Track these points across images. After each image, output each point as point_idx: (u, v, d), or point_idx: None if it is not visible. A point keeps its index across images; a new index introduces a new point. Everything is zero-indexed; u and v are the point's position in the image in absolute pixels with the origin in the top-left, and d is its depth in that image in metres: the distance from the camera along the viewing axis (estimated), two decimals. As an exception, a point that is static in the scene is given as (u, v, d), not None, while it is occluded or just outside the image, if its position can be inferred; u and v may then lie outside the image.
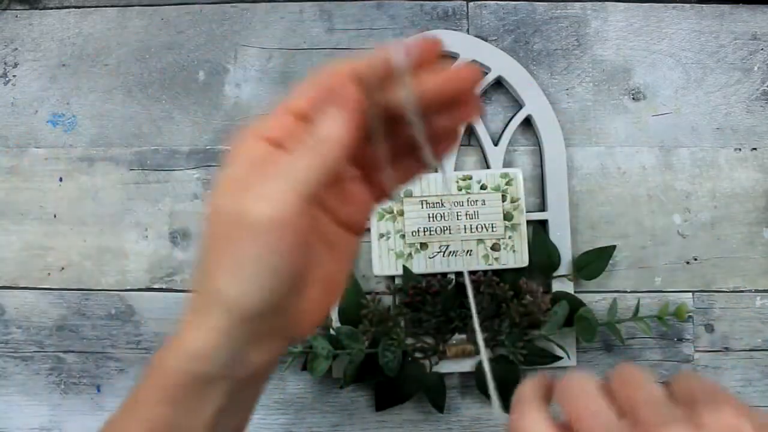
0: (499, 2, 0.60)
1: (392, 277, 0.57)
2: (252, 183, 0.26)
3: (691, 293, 0.58)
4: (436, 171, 0.52)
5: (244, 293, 0.26)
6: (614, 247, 0.56)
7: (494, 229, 0.56)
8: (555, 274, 0.56)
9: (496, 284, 0.54)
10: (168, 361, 0.29)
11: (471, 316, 0.38)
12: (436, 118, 0.28)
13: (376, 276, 0.57)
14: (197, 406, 0.29)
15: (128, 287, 0.59)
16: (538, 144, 0.58)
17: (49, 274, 0.59)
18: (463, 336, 0.55)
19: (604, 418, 0.24)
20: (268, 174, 0.26)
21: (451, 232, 0.56)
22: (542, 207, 0.58)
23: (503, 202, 0.56)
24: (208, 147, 0.60)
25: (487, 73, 0.58)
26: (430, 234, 0.56)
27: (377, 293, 0.57)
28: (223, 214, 0.26)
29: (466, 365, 0.56)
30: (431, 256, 0.56)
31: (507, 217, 0.56)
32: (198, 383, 0.28)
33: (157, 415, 0.29)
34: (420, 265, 0.56)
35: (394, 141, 0.29)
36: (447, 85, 0.27)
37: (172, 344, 0.29)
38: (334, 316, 0.55)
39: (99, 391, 0.58)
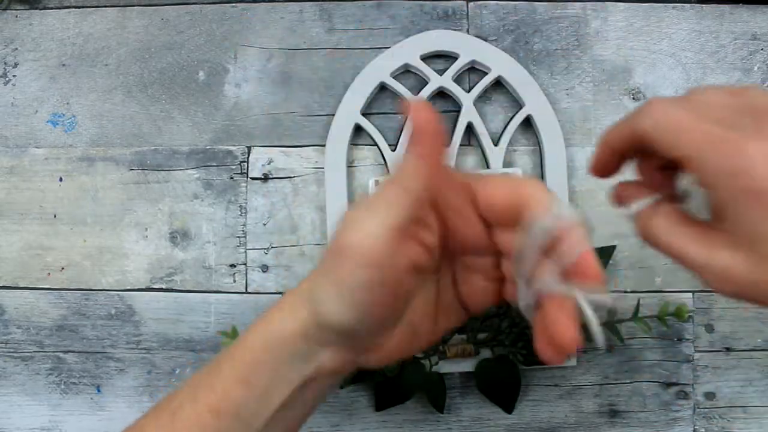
0: (499, 2, 0.60)
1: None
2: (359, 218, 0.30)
3: (691, 293, 0.58)
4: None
5: (332, 311, 0.30)
6: (614, 247, 0.56)
7: (494, 229, 0.56)
8: (555, 274, 0.56)
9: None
10: (251, 340, 0.32)
11: (470, 316, 0.38)
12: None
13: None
14: (268, 391, 0.32)
15: (128, 287, 0.59)
16: (538, 144, 0.59)
17: (49, 274, 0.59)
18: (463, 336, 0.55)
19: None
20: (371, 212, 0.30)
21: (451, 232, 0.56)
22: (542, 207, 0.58)
23: (503, 202, 0.56)
24: (208, 147, 0.60)
25: (487, 73, 0.58)
26: (430, 234, 0.56)
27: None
28: (334, 242, 0.30)
29: (466, 365, 0.56)
30: (431, 256, 0.56)
31: (507, 217, 0.56)
32: (276, 363, 0.32)
33: (231, 390, 0.32)
34: (420, 265, 0.56)
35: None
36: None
37: (257, 326, 0.33)
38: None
39: (99, 391, 0.58)
